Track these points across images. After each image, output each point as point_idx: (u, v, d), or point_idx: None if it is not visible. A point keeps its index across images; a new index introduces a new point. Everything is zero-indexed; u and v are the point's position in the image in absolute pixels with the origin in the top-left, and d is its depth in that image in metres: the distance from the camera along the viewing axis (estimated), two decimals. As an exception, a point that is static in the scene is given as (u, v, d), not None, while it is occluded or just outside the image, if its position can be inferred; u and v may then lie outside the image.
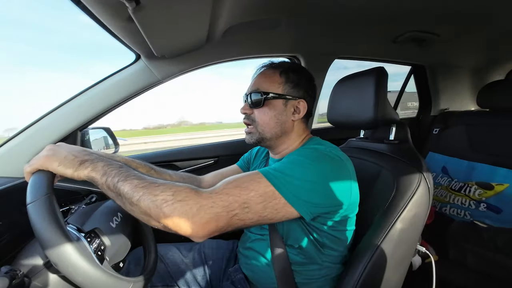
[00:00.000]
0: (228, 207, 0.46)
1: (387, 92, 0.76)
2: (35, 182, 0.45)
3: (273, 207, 0.50)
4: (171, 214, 0.42)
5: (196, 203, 0.44)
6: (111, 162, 0.48)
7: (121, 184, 0.44)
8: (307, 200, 0.52)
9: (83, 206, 0.70)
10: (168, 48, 0.76)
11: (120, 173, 0.46)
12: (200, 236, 0.44)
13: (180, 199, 0.43)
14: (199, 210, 0.43)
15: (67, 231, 0.43)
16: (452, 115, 1.55)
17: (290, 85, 0.68)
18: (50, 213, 0.42)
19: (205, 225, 0.44)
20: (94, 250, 0.49)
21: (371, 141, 0.89)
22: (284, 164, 0.56)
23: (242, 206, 0.47)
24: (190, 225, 0.43)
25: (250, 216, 0.48)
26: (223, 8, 0.61)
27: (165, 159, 1.17)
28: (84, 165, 0.46)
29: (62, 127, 0.84)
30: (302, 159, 0.56)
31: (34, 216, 0.41)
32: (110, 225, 0.60)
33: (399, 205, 0.64)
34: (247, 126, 0.71)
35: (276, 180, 0.51)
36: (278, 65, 0.71)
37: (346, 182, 0.58)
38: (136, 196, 0.43)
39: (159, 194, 0.43)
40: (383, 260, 0.60)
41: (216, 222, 0.45)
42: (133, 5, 0.43)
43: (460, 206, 1.23)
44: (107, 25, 0.55)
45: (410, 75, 1.70)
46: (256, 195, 0.49)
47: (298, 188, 0.51)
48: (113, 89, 0.86)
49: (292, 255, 0.64)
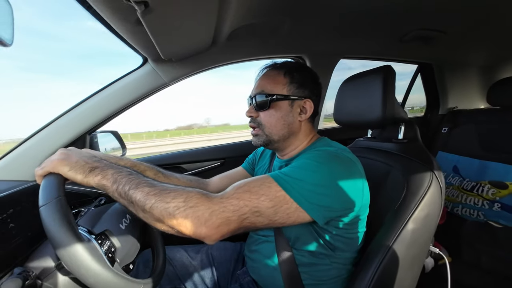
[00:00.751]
0: (238, 211, 0.46)
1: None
2: (46, 185, 0.46)
3: (284, 211, 0.50)
4: (184, 220, 0.44)
5: (208, 208, 0.45)
6: (120, 170, 0.49)
7: (133, 192, 0.45)
8: (320, 205, 0.51)
9: (92, 209, 0.71)
10: (175, 51, 0.76)
11: (130, 181, 0.46)
12: (213, 239, 0.46)
13: (191, 205, 0.44)
14: (211, 215, 0.45)
15: (79, 233, 0.43)
16: (461, 114, 1.52)
17: (295, 85, 0.67)
18: (62, 215, 0.42)
19: (217, 229, 0.45)
20: (105, 252, 0.49)
21: (379, 140, 0.88)
22: (294, 169, 0.55)
23: (252, 210, 0.47)
24: (203, 230, 0.44)
25: (261, 220, 0.48)
26: (229, 11, 0.61)
27: (172, 161, 1.17)
28: (94, 172, 0.47)
29: (72, 130, 0.85)
30: (311, 162, 0.55)
31: (47, 218, 0.42)
32: (120, 227, 0.60)
33: (411, 205, 0.62)
34: (253, 128, 0.70)
35: (287, 185, 0.51)
36: (281, 65, 0.70)
37: (358, 183, 0.57)
38: (149, 203, 0.44)
39: (171, 201, 0.44)
40: (395, 261, 0.59)
41: (228, 226, 0.46)
42: (142, 8, 0.44)
43: (472, 206, 1.20)
44: (116, 29, 0.56)
45: (417, 73, 1.68)
46: (267, 199, 0.49)
47: (310, 192, 0.51)
48: (121, 92, 0.87)
49: (299, 256, 0.63)
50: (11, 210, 0.59)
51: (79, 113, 0.86)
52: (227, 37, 0.83)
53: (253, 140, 0.71)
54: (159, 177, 0.76)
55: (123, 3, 0.43)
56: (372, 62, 1.41)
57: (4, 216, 0.56)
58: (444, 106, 1.67)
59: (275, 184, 0.51)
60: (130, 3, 0.43)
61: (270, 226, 0.50)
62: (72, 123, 0.85)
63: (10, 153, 0.80)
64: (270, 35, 0.94)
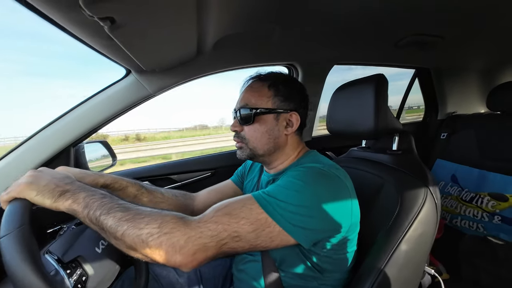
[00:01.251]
0: (217, 237, 0.44)
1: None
2: (10, 212, 0.43)
3: (266, 235, 0.47)
4: (158, 247, 0.41)
5: (184, 235, 0.43)
6: (94, 192, 0.46)
7: (104, 218, 0.43)
8: (304, 227, 0.49)
9: (73, 227, 0.68)
10: (157, 63, 0.74)
11: (102, 205, 0.44)
12: (189, 267, 0.43)
13: (166, 231, 0.42)
14: (186, 242, 0.42)
15: (41, 267, 0.40)
16: (460, 119, 1.49)
17: (281, 98, 0.64)
18: (23, 248, 0.39)
19: (193, 256, 0.42)
20: (73, 284, 0.46)
21: (373, 151, 0.85)
22: (278, 188, 0.52)
23: (232, 235, 0.45)
24: (178, 258, 0.42)
25: (242, 244, 0.46)
26: (209, 23, 0.59)
27: (162, 173, 1.14)
28: (65, 196, 0.45)
29: (54, 145, 0.82)
30: (296, 181, 0.53)
31: (6, 251, 0.39)
32: (96, 250, 0.57)
33: (404, 224, 0.59)
34: (237, 142, 0.68)
35: (269, 206, 0.48)
36: (265, 77, 0.67)
37: (346, 202, 0.54)
38: (120, 230, 0.42)
39: (144, 227, 0.42)
40: (387, 284, 0.56)
41: (205, 252, 0.43)
42: (108, 24, 0.41)
43: (472, 218, 1.16)
44: (89, 43, 0.54)
45: (414, 78, 1.65)
46: (247, 223, 0.46)
47: (294, 214, 0.48)
48: (104, 104, 0.84)
49: (287, 278, 0.60)
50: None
51: (61, 126, 0.83)
52: (212, 47, 0.80)
53: (238, 153, 0.69)
54: (142, 193, 0.73)
55: (89, 19, 0.41)
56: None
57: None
58: (443, 111, 1.64)
59: (257, 205, 0.48)
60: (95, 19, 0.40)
61: (252, 250, 0.48)
62: (54, 137, 0.82)
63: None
64: (259, 43, 0.92)
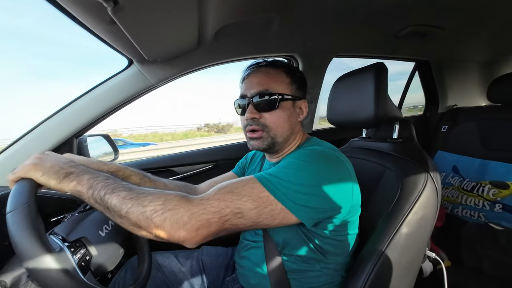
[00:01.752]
0: (219, 213, 0.44)
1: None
2: (16, 191, 0.44)
3: (268, 213, 0.48)
4: (162, 223, 0.42)
5: (187, 211, 0.43)
6: (97, 175, 0.47)
7: (108, 197, 0.43)
8: (306, 205, 0.49)
9: (76, 214, 0.69)
10: (158, 52, 0.74)
11: (106, 186, 0.44)
12: (193, 242, 0.44)
13: (170, 208, 0.43)
14: (190, 218, 0.43)
15: (46, 241, 0.41)
16: (461, 111, 1.48)
17: (296, 85, 0.66)
18: (29, 222, 0.40)
19: (197, 232, 0.43)
20: (77, 261, 0.47)
21: (374, 140, 0.86)
22: (279, 168, 0.53)
23: (234, 211, 0.45)
24: (182, 233, 0.42)
25: (244, 221, 0.47)
26: (209, 10, 0.59)
27: (164, 165, 1.15)
28: (69, 178, 0.45)
29: (57, 134, 0.83)
30: (297, 162, 0.53)
31: (12, 225, 0.40)
32: (99, 234, 0.58)
33: (404, 208, 0.60)
34: (255, 131, 0.64)
35: (271, 185, 0.49)
36: (278, 63, 0.67)
37: (347, 183, 0.54)
38: (125, 208, 0.42)
39: (148, 204, 0.43)
40: (388, 267, 0.56)
41: (208, 228, 0.44)
42: (111, 5, 0.42)
43: (473, 207, 1.16)
44: (92, 29, 0.55)
45: (414, 71, 1.65)
46: (249, 200, 0.47)
47: (295, 193, 0.49)
48: (107, 95, 0.85)
49: (289, 263, 0.60)
50: (-15, 218, 0.57)
51: (65, 117, 0.84)
52: (213, 37, 0.80)
53: (255, 144, 0.64)
54: (145, 182, 0.74)
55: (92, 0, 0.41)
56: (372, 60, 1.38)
57: (-23, 224, 0.54)
58: (444, 104, 1.64)
59: (259, 184, 0.49)
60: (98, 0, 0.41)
61: (254, 227, 0.48)
62: (57, 126, 0.84)
63: (-6, 159, 0.79)
64: (259, 34, 0.92)
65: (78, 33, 2.82)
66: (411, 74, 1.66)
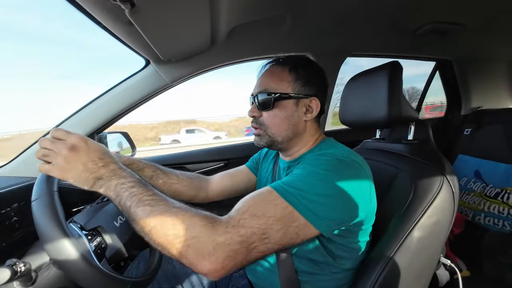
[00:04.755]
0: (246, 242, 0.42)
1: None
2: (41, 179, 0.48)
3: (293, 230, 0.45)
4: (185, 252, 0.40)
5: (212, 241, 0.40)
6: (124, 180, 0.46)
7: (134, 211, 0.43)
8: (326, 217, 0.47)
9: (94, 205, 0.73)
10: (173, 51, 0.77)
11: (132, 196, 0.44)
12: (217, 276, 0.41)
13: (194, 236, 0.40)
14: (215, 249, 0.40)
15: (66, 228, 0.44)
16: (487, 114, 1.40)
17: (301, 83, 0.62)
18: (51, 210, 0.43)
19: (222, 264, 0.40)
20: (94, 248, 0.50)
21: (388, 141, 0.83)
22: (298, 178, 0.51)
23: (261, 238, 0.43)
24: (206, 265, 0.40)
25: (270, 246, 0.44)
26: (222, 10, 0.61)
27: (176, 162, 1.19)
28: (98, 183, 0.46)
29: (80, 130, 0.89)
30: (317, 171, 0.51)
31: (36, 212, 0.43)
32: (114, 224, 0.61)
33: (417, 211, 0.57)
34: (255, 129, 0.67)
35: (294, 199, 0.46)
36: (286, 61, 0.66)
37: (365, 189, 0.52)
38: (148, 227, 0.42)
39: (171, 228, 0.41)
40: (397, 271, 0.54)
41: (235, 259, 0.41)
42: (128, 7, 0.44)
43: (497, 215, 1.08)
44: (111, 29, 0.58)
45: (434, 71, 1.57)
46: (275, 221, 0.44)
47: (316, 204, 0.46)
48: (125, 93, 0.90)
49: (300, 264, 0.59)
50: (15, 204, 0.62)
51: (87, 114, 0.90)
52: (226, 37, 0.82)
53: (256, 140, 0.67)
54: (158, 174, 0.76)
55: (111, 3, 0.44)
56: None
57: (8, 210, 0.60)
58: (467, 106, 1.55)
59: (281, 199, 0.46)
60: (116, 2, 0.43)
61: (279, 250, 0.46)
62: (80, 123, 0.89)
63: (24, 152, 0.86)
64: (271, 33, 0.93)
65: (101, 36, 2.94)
66: (431, 74, 1.59)
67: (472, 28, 1.04)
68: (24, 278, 0.46)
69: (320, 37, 1.02)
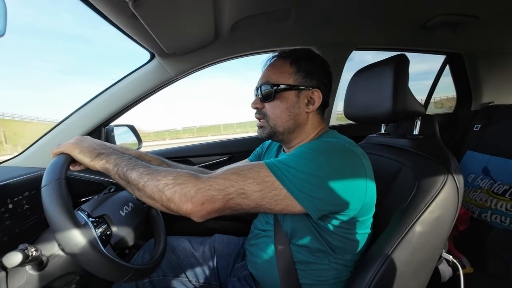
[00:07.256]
0: (224, 191, 0.47)
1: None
2: (52, 166, 0.50)
3: (272, 197, 0.49)
4: (172, 196, 0.46)
5: (194, 186, 0.47)
6: (122, 156, 0.54)
7: (129, 172, 0.50)
8: (312, 195, 0.49)
9: (101, 195, 0.75)
10: (177, 45, 0.78)
11: (129, 164, 0.51)
12: (198, 216, 0.47)
13: (179, 182, 0.47)
14: (196, 192, 0.46)
15: (73, 214, 0.46)
16: (498, 109, 1.35)
17: (302, 74, 0.64)
18: (59, 197, 0.45)
19: (202, 206, 0.46)
20: (99, 234, 0.52)
21: (393, 136, 0.82)
22: (289, 156, 0.53)
23: (238, 191, 0.48)
24: (189, 206, 0.46)
25: (247, 202, 0.48)
26: (225, 3, 0.60)
27: (181, 155, 1.21)
28: (100, 157, 0.53)
29: (88, 123, 0.91)
30: (308, 151, 0.53)
31: (45, 198, 0.45)
32: (120, 213, 0.63)
33: (420, 206, 0.57)
34: (259, 120, 0.69)
35: (278, 171, 0.50)
36: (288, 54, 0.67)
37: (360, 180, 0.53)
38: (142, 182, 0.48)
39: (161, 179, 0.48)
40: (397, 266, 0.54)
41: (213, 204, 0.47)
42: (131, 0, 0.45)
43: (504, 212, 1.06)
44: (116, 22, 0.59)
45: (444, 65, 1.53)
46: (254, 182, 0.48)
47: (302, 181, 0.49)
48: (131, 87, 0.91)
49: (298, 254, 0.61)
50: (26, 193, 0.65)
51: (93, 108, 0.92)
52: (230, 30, 0.82)
53: (258, 132, 0.70)
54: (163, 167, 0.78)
55: None
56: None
57: (20, 198, 0.62)
58: (478, 101, 1.50)
59: (265, 169, 0.50)
60: None
61: (257, 210, 0.50)
62: (87, 116, 0.91)
63: (35, 144, 0.89)
64: (275, 27, 0.92)
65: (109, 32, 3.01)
66: (440, 68, 1.54)
67: (485, 20, 1.00)
68: (35, 262, 0.48)
69: (325, 30, 1.00)
